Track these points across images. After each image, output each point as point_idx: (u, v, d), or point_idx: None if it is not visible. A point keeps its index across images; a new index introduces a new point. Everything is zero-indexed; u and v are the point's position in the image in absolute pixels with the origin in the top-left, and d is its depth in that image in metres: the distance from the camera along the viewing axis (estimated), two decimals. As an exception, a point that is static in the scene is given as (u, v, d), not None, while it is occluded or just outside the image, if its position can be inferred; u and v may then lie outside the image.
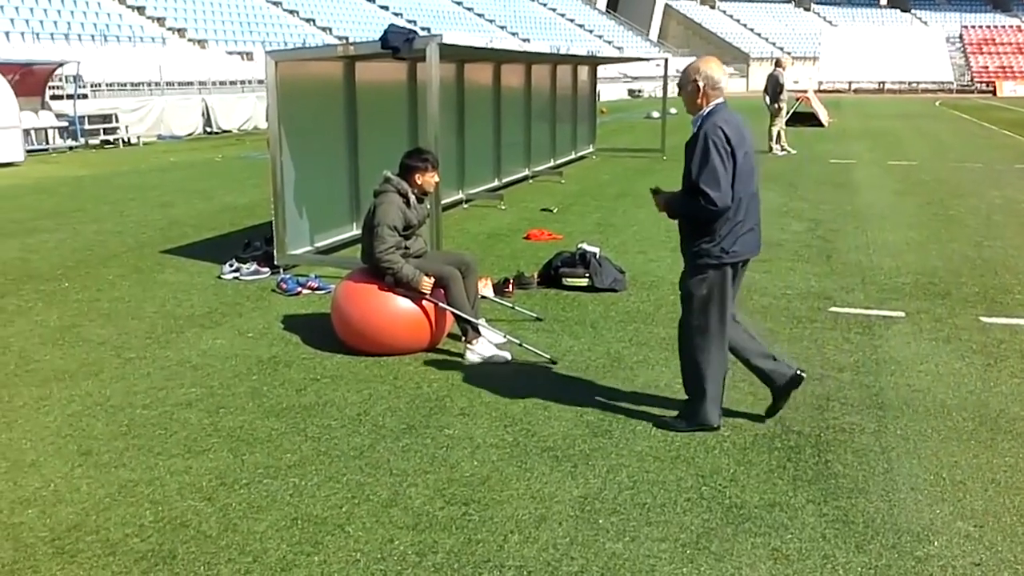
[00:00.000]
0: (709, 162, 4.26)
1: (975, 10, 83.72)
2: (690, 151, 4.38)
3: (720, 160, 4.26)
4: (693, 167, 4.32)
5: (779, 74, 19.18)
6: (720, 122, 4.33)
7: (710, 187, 4.26)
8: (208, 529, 3.68)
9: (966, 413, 4.91)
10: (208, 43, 31.72)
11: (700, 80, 4.41)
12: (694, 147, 4.34)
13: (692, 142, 4.38)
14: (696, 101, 4.44)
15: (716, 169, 4.26)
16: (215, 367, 5.65)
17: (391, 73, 10.13)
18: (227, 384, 5.34)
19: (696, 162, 4.30)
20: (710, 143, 4.28)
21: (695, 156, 4.32)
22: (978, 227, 10.50)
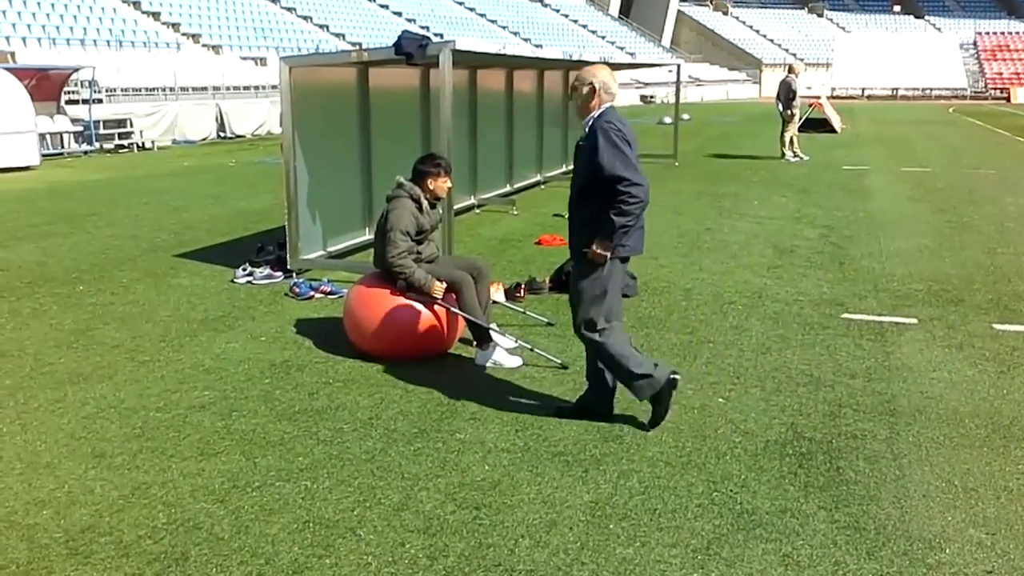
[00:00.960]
0: (619, 150, 4.39)
1: (989, 16, 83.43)
2: (589, 150, 4.48)
3: (626, 147, 4.41)
4: (605, 162, 4.38)
5: (792, 80, 19.15)
6: (614, 118, 4.49)
7: (630, 173, 4.36)
8: (220, 531, 3.70)
9: (979, 420, 4.89)
10: (222, 48, 31.87)
11: (597, 84, 4.56)
12: (595, 145, 4.44)
13: (588, 142, 4.51)
14: (589, 104, 4.58)
15: (627, 154, 4.39)
16: (228, 370, 5.68)
17: (404, 79, 10.17)
18: (240, 387, 5.37)
19: (606, 156, 4.39)
20: (611, 135, 4.41)
21: (603, 151, 4.40)
22: (992, 234, 10.46)
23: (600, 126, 4.46)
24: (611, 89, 4.59)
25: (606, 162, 4.37)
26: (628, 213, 4.39)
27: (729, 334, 6.47)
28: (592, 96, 4.56)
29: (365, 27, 42.81)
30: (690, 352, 6.06)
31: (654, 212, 12.06)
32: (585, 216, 4.57)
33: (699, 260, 9.01)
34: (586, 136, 4.54)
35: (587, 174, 4.48)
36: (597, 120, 4.52)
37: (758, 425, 4.81)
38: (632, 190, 4.35)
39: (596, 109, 4.56)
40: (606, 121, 4.47)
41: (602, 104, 4.56)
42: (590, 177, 4.47)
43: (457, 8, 54.93)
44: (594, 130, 4.49)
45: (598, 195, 4.44)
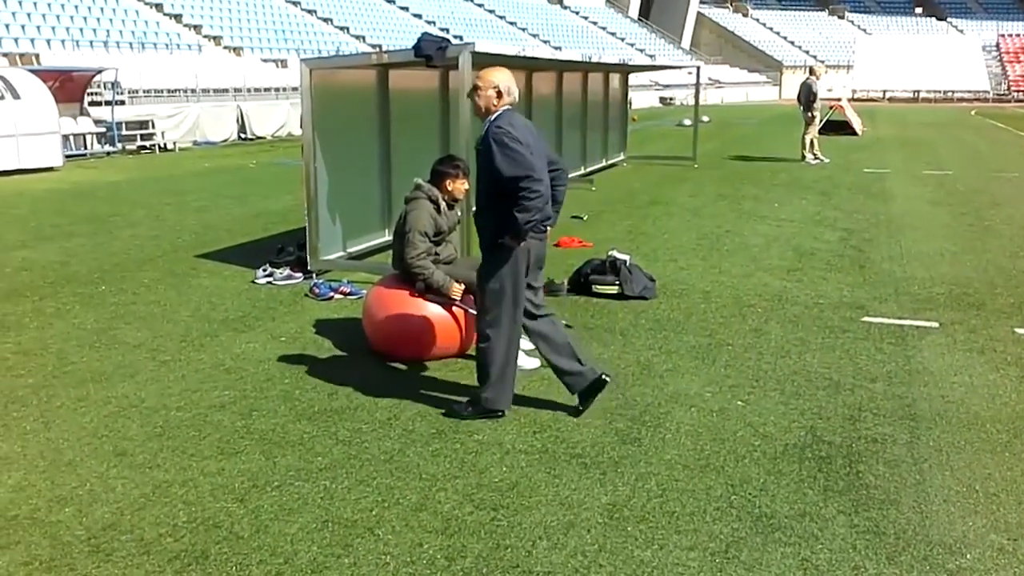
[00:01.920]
0: (511, 150, 4.49)
1: (1012, 18, 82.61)
2: (486, 153, 4.58)
3: (517, 144, 4.50)
4: (500, 166, 4.50)
5: (812, 82, 19.06)
6: (505, 123, 4.59)
7: (526, 171, 4.46)
8: (240, 530, 3.73)
9: (1000, 425, 4.86)
10: (243, 50, 32.06)
11: (502, 87, 4.65)
12: (489, 148, 4.55)
13: (484, 146, 4.60)
14: (489, 106, 4.66)
15: (518, 153, 4.48)
16: (248, 370, 5.72)
17: (424, 81, 10.19)
18: (260, 387, 5.40)
19: (500, 161, 4.50)
20: (502, 139, 4.52)
21: (496, 156, 4.51)
22: (1014, 237, 10.37)
23: (491, 132, 4.58)
24: (513, 92, 4.70)
25: (501, 166, 4.50)
26: (530, 209, 4.52)
27: (748, 337, 6.45)
28: (492, 99, 4.65)
29: (385, 29, 42.95)
30: (709, 355, 6.05)
31: (674, 214, 12.08)
32: (494, 218, 4.64)
33: (719, 263, 8.99)
34: (482, 139, 4.64)
35: (487, 179, 4.60)
36: (491, 125, 4.63)
37: (777, 428, 4.79)
38: (532, 185, 4.49)
39: (495, 112, 4.65)
40: (496, 126, 4.59)
41: (500, 107, 4.66)
42: (490, 182, 4.58)
43: (476, 10, 55.01)
44: (487, 136, 4.60)
45: (503, 198, 4.54)
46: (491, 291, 4.73)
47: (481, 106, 4.69)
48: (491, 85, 4.66)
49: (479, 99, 4.69)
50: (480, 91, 4.68)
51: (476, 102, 4.71)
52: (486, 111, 4.68)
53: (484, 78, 4.68)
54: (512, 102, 4.71)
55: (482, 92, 4.67)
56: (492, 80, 4.67)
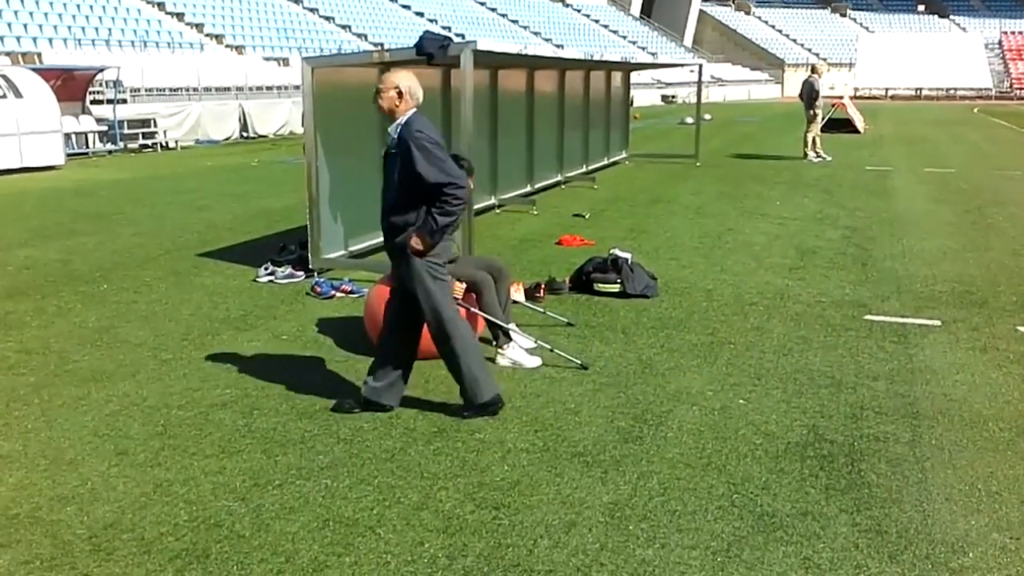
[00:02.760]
0: (433, 155, 4.52)
1: (1015, 16, 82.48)
2: (403, 160, 4.55)
3: (440, 151, 4.55)
4: (423, 171, 4.51)
5: (814, 80, 19.05)
6: (421, 126, 4.60)
7: (452, 176, 4.52)
8: (241, 529, 3.73)
9: (1003, 423, 4.85)
10: (245, 49, 32.07)
11: (403, 88, 4.64)
12: (408, 155, 4.54)
13: (399, 150, 4.58)
14: (392, 107, 4.65)
15: (442, 159, 4.54)
16: (250, 369, 5.71)
17: (425, 79, 10.12)
18: (261, 386, 5.40)
19: (424, 166, 4.51)
20: (424, 144, 4.53)
21: (419, 161, 4.51)
22: (1016, 235, 10.35)
23: (410, 136, 4.56)
24: (417, 94, 4.70)
25: (425, 171, 4.51)
26: (452, 213, 4.59)
27: (750, 335, 6.44)
28: (398, 100, 4.64)
29: (387, 27, 42.94)
30: (711, 353, 6.04)
31: (676, 212, 12.07)
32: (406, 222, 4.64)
33: (721, 261, 8.98)
34: (396, 144, 4.63)
35: (407, 183, 4.58)
36: (405, 128, 4.61)
37: (779, 427, 4.79)
38: (457, 192, 4.55)
39: (403, 114, 4.65)
40: (416, 130, 4.58)
41: (408, 108, 4.66)
42: (410, 186, 4.57)
43: (479, 8, 54.98)
44: (404, 139, 4.58)
45: (421, 201, 4.57)
46: (425, 292, 4.72)
47: (384, 108, 4.68)
48: (392, 86, 4.64)
49: (382, 101, 4.67)
50: (382, 93, 4.67)
51: (380, 105, 4.69)
52: (390, 112, 4.68)
53: (386, 80, 4.67)
54: (417, 103, 4.71)
55: (384, 94, 4.66)
56: (393, 81, 4.65)
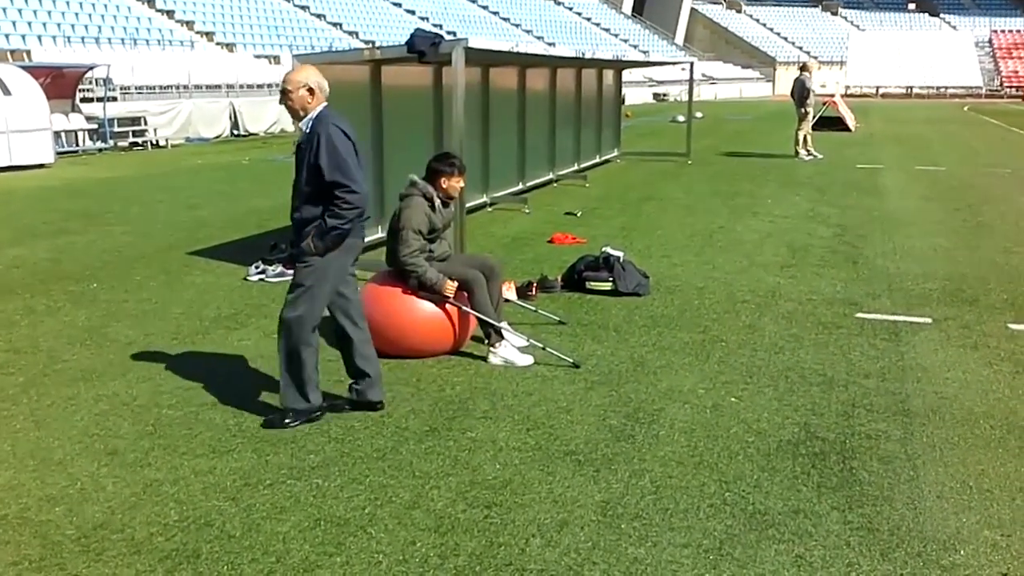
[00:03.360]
0: (340, 156, 4.46)
1: (1005, 14, 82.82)
2: (311, 152, 4.50)
3: (347, 153, 4.48)
4: (325, 166, 4.46)
5: (805, 78, 19.08)
6: (336, 121, 4.55)
7: (349, 179, 4.46)
8: (232, 529, 3.71)
9: (994, 421, 4.86)
10: (236, 47, 31.98)
11: (312, 84, 4.56)
12: (317, 148, 4.48)
13: (310, 143, 4.52)
14: (304, 106, 4.57)
15: (348, 162, 4.48)
16: (240, 368, 5.69)
17: (417, 77, 10.17)
18: (252, 385, 5.38)
19: (326, 161, 4.46)
20: (334, 140, 4.47)
21: (323, 155, 4.46)
22: (1007, 233, 10.38)
23: (323, 130, 4.50)
24: (325, 88, 4.65)
25: (326, 166, 4.46)
26: (342, 217, 4.52)
27: (742, 333, 6.45)
28: (308, 97, 4.57)
29: (378, 25, 42.87)
30: (703, 351, 6.04)
31: (667, 210, 12.08)
32: (315, 217, 4.59)
33: (712, 259, 8.98)
34: (306, 138, 4.57)
35: (312, 177, 4.53)
36: (318, 122, 4.55)
37: (771, 425, 4.79)
38: (348, 197, 4.48)
39: (313, 109, 4.59)
40: (331, 124, 4.53)
41: (317, 105, 4.60)
42: (314, 181, 4.52)
43: (470, 6, 54.93)
44: (316, 132, 4.51)
45: (326, 197, 4.52)
46: (304, 289, 4.66)
47: (297, 108, 4.58)
48: (301, 85, 4.55)
49: (292, 102, 4.57)
50: (291, 93, 4.56)
51: (290, 105, 4.59)
52: (303, 111, 4.59)
53: (291, 80, 4.57)
54: (326, 96, 4.64)
55: (293, 94, 4.55)
56: (300, 80, 4.55)
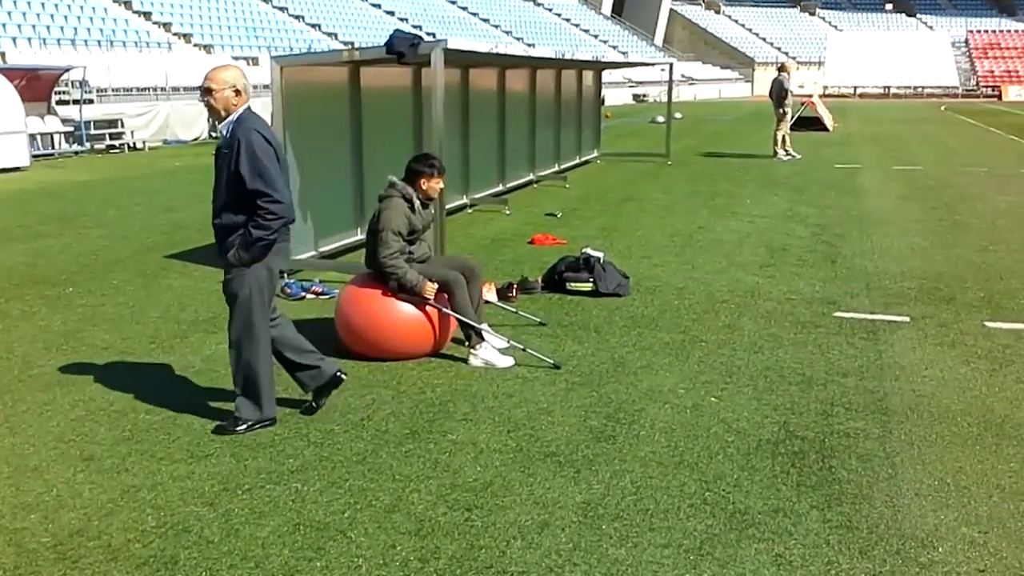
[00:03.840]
0: (262, 164, 4.37)
1: (980, 15, 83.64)
2: (234, 158, 4.40)
3: (269, 160, 4.40)
4: (246, 174, 4.37)
5: (784, 79, 19.19)
6: (258, 126, 4.46)
7: (271, 188, 4.39)
8: (210, 535, 3.68)
9: (971, 418, 4.89)
10: (214, 48, 31.78)
11: (239, 85, 4.48)
12: (238, 154, 4.38)
13: (231, 148, 4.42)
14: (228, 106, 4.46)
15: (269, 169, 4.39)
16: (218, 372, 5.65)
17: (396, 78, 10.14)
18: (230, 389, 5.32)
19: (248, 168, 4.37)
20: (255, 147, 4.38)
21: (245, 162, 4.36)
22: (983, 232, 10.47)
23: (244, 135, 4.40)
24: (248, 90, 4.58)
25: (247, 174, 4.37)
26: (268, 228, 4.45)
27: (721, 333, 6.47)
28: (236, 97, 4.47)
29: (357, 26, 42.75)
30: (683, 351, 6.05)
31: (647, 210, 12.10)
32: (237, 224, 4.50)
33: (692, 259, 9.01)
34: (227, 141, 4.46)
35: (233, 184, 4.43)
36: (239, 126, 4.45)
37: (750, 424, 4.80)
38: (272, 207, 4.41)
39: (236, 111, 4.48)
40: (253, 130, 4.43)
41: (240, 106, 4.50)
42: (236, 187, 4.43)
43: (450, 7, 54.88)
44: (236, 137, 4.41)
45: (248, 204, 4.44)
46: (245, 299, 4.59)
47: (220, 108, 4.46)
48: (227, 84, 4.44)
49: (215, 101, 4.45)
50: (215, 92, 4.44)
51: (212, 104, 4.47)
52: (225, 112, 4.47)
53: (217, 78, 4.46)
54: (249, 99, 4.55)
55: (218, 93, 4.44)
56: (227, 79, 4.45)
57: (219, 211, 4.57)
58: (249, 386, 4.71)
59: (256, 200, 4.41)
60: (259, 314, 4.65)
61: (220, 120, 4.55)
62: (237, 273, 4.59)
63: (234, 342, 4.69)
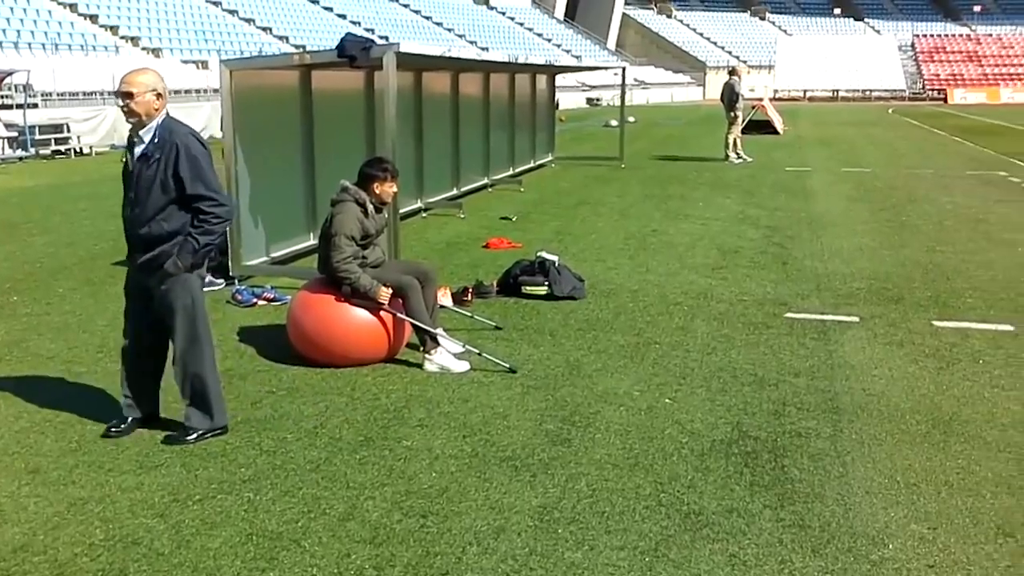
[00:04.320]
0: (200, 164, 4.36)
1: (926, 19, 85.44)
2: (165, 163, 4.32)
3: (208, 164, 4.39)
4: (186, 178, 4.32)
5: (735, 83, 19.41)
6: (190, 131, 4.45)
7: (214, 191, 4.39)
8: (160, 546, 3.61)
9: (919, 416, 4.98)
10: (163, 52, 31.34)
11: (160, 89, 4.42)
12: (176, 159, 4.32)
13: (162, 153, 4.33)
14: (150, 111, 4.39)
15: (208, 173, 4.38)
16: (168, 381, 5.51)
17: (348, 82, 10.08)
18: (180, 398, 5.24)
19: (188, 173, 4.32)
20: (194, 151, 4.36)
21: (185, 165, 4.32)
22: (930, 232, 10.68)
23: (181, 139, 4.35)
24: (167, 93, 4.51)
25: (188, 178, 4.32)
26: (213, 232, 4.43)
27: (675, 335, 6.51)
28: (157, 101, 4.40)
29: (309, 30, 42.43)
30: (637, 353, 6.08)
31: (601, 214, 12.15)
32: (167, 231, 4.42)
33: (646, 262, 9.06)
34: (155, 146, 4.35)
35: (170, 189, 4.35)
36: (165, 130, 4.38)
37: (704, 425, 4.84)
38: (217, 210, 4.39)
39: (157, 116, 4.41)
40: (189, 135, 4.40)
41: (163, 109, 4.44)
42: (174, 192, 4.35)
43: (402, 11, 54.73)
44: (168, 141, 4.34)
45: (185, 209, 4.39)
46: (188, 307, 4.53)
47: (141, 113, 4.36)
48: (148, 88, 4.35)
49: (136, 106, 4.34)
50: (136, 97, 4.33)
51: (133, 109, 4.34)
52: (147, 117, 4.37)
53: (137, 82, 4.35)
54: (167, 102, 4.48)
55: (139, 97, 4.33)
56: (148, 83, 4.36)
57: (146, 221, 4.42)
58: (198, 396, 4.64)
59: (198, 205, 4.34)
60: (203, 322, 4.60)
61: (140, 125, 4.40)
62: (175, 283, 4.49)
63: (181, 354, 4.61)
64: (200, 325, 4.59)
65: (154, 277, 4.50)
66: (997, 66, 70.16)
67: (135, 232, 4.49)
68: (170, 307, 4.53)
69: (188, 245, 4.42)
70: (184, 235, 4.43)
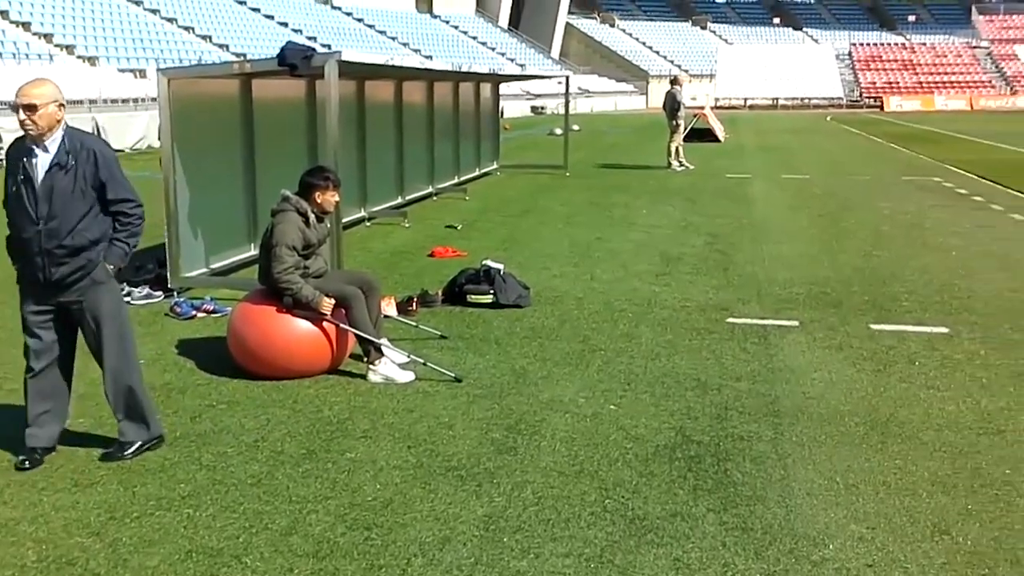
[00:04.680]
0: (119, 172, 4.45)
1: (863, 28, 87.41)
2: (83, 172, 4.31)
3: (120, 167, 4.47)
4: (109, 183, 4.35)
5: (676, 91, 19.65)
6: (93, 136, 4.52)
7: (133, 194, 4.47)
8: (96, 566, 3.51)
9: (858, 418, 5.07)
10: (99, 60, 30.72)
11: (62, 100, 4.41)
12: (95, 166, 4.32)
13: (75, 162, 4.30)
14: (53, 123, 4.34)
15: (122, 174, 4.44)
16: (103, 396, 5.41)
17: (290, 90, 9.98)
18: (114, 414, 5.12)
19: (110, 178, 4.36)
20: (110, 158, 4.44)
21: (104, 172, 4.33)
22: (867, 238, 10.90)
23: (94, 146, 4.37)
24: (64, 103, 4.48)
25: (111, 184, 4.36)
26: (137, 234, 4.50)
27: (620, 341, 6.55)
28: (59, 112, 4.36)
29: (249, 38, 41.93)
30: (583, 360, 6.10)
31: (547, 222, 12.20)
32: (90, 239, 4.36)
33: (590, 269, 9.11)
34: (66, 156, 4.28)
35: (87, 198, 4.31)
36: (72, 138, 4.34)
37: (648, 430, 4.87)
38: (138, 211, 4.47)
39: (59, 126, 4.36)
40: (97, 140, 4.48)
41: (63, 120, 4.40)
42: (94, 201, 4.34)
43: (344, 19, 54.41)
44: (79, 149, 4.31)
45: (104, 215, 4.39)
46: (115, 318, 4.49)
47: (44, 125, 4.26)
48: (51, 99, 4.27)
49: (40, 119, 4.24)
50: (40, 108, 4.23)
51: (35, 122, 4.24)
52: (49, 128, 4.28)
53: (39, 95, 4.26)
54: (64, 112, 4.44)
55: (43, 109, 4.24)
56: (50, 94, 4.29)
57: (67, 231, 4.29)
58: (132, 408, 4.56)
59: (120, 208, 4.38)
60: (130, 331, 4.58)
61: (40, 137, 4.29)
62: (102, 292, 4.42)
63: (112, 369, 4.51)
64: (128, 335, 4.56)
65: (75, 290, 4.38)
66: (931, 74, 72.08)
67: (51, 246, 4.31)
68: (99, 319, 4.44)
69: (116, 249, 4.40)
70: (107, 241, 4.40)
